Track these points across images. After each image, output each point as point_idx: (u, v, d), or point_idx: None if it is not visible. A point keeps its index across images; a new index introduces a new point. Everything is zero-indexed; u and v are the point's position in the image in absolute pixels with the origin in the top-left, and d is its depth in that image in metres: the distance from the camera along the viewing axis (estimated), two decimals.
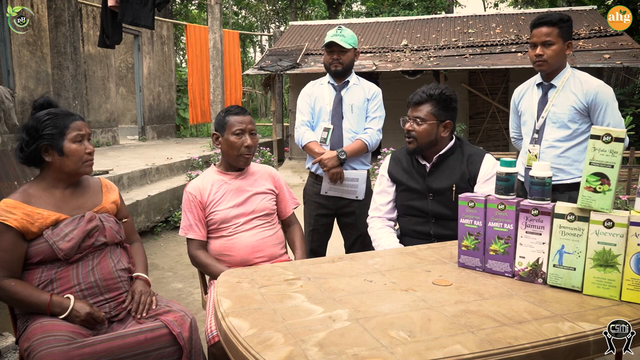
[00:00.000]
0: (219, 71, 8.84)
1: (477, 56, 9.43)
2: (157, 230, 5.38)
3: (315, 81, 2.94)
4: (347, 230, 2.88)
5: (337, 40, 2.71)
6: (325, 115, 2.80)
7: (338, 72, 2.78)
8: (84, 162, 1.82)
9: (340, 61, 2.75)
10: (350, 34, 2.77)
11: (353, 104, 2.79)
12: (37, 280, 1.74)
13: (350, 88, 2.83)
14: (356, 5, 23.47)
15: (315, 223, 2.79)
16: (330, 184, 2.75)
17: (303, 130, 2.83)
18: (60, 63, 5.20)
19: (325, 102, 2.81)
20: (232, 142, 2.16)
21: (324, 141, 2.77)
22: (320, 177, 2.80)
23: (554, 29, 2.45)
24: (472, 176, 2.11)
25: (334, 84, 2.84)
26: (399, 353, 1.04)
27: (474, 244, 1.57)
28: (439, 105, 2.09)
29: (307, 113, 2.86)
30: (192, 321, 1.78)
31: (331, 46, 2.74)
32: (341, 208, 2.82)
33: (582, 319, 1.22)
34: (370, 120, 2.82)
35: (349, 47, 2.73)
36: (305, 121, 2.85)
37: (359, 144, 2.75)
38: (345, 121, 2.78)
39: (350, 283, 1.46)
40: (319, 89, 2.87)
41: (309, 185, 2.88)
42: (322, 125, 2.80)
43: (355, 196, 2.77)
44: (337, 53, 2.74)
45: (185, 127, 13.69)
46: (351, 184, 2.76)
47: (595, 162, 1.35)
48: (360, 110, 2.80)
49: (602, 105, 2.43)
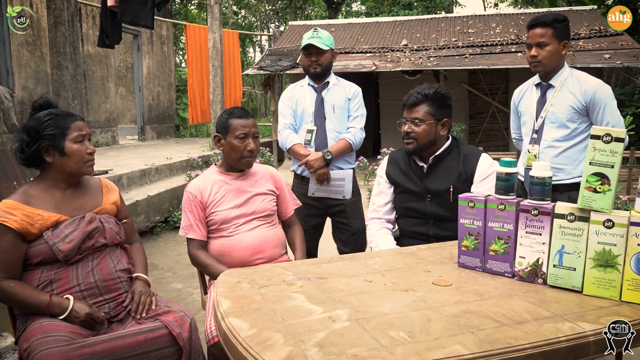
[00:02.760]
0: (218, 71, 8.84)
1: (477, 56, 9.42)
2: (157, 231, 5.38)
3: (295, 84, 2.96)
4: (340, 230, 2.89)
5: (314, 42, 2.72)
6: (307, 117, 2.82)
7: (317, 74, 2.80)
8: (86, 163, 1.82)
9: (319, 62, 2.76)
10: (326, 35, 2.79)
11: (334, 104, 2.81)
12: (37, 280, 1.73)
13: (331, 89, 2.84)
14: (356, 5, 23.45)
15: (305, 224, 2.75)
16: (318, 185, 2.76)
17: (287, 133, 2.85)
18: (59, 63, 5.20)
19: (307, 104, 2.82)
20: (234, 146, 2.15)
21: (309, 143, 2.78)
22: (306, 178, 2.81)
23: (547, 30, 2.46)
24: (469, 176, 2.11)
25: (314, 86, 2.85)
26: (398, 353, 1.04)
27: (473, 244, 1.57)
28: (435, 105, 2.10)
29: (289, 116, 2.87)
30: (192, 321, 1.78)
31: (308, 48, 2.76)
32: (331, 208, 2.83)
33: (582, 319, 1.22)
34: (353, 119, 2.84)
35: (326, 48, 2.75)
36: (288, 124, 2.86)
37: (344, 144, 2.76)
38: (328, 122, 2.80)
39: (350, 283, 1.46)
40: (300, 91, 2.89)
41: (295, 187, 2.88)
42: (305, 127, 2.81)
43: (342, 196, 2.79)
44: (315, 55, 2.76)
45: (184, 127, 13.68)
46: (338, 184, 2.77)
47: (595, 162, 1.35)
48: (342, 110, 2.82)
49: (600, 104, 2.43)
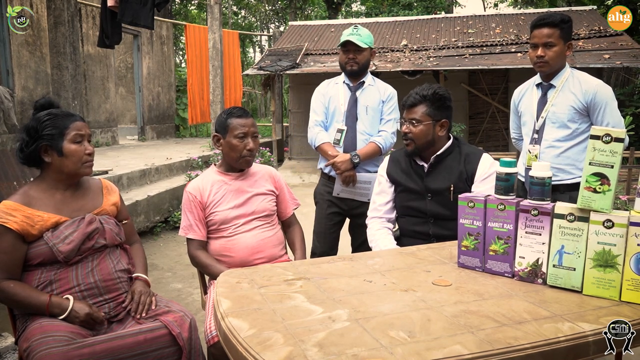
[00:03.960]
0: (218, 71, 8.84)
1: (477, 56, 9.42)
2: (157, 231, 5.38)
3: (330, 80, 2.89)
4: (356, 231, 2.86)
5: (353, 39, 2.67)
6: (339, 116, 2.76)
7: (354, 72, 2.74)
8: (84, 163, 1.81)
9: (356, 60, 2.71)
10: (366, 33, 2.74)
11: (368, 105, 2.75)
12: (37, 281, 1.73)
13: (366, 89, 2.79)
14: (356, 5, 23.44)
15: (327, 222, 2.74)
16: (343, 186, 2.73)
17: (317, 130, 2.80)
18: (59, 63, 5.20)
19: (340, 103, 2.77)
20: (234, 145, 2.15)
21: (337, 142, 2.73)
22: (332, 178, 2.77)
23: (555, 30, 2.44)
24: (470, 175, 2.11)
25: (349, 84, 2.80)
26: (398, 353, 1.04)
27: (473, 244, 1.57)
28: (433, 105, 2.10)
29: (321, 113, 2.82)
30: (192, 321, 1.78)
31: (347, 45, 2.70)
32: (353, 209, 2.80)
33: (581, 319, 1.22)
34: (385, 122, 2.78)
35: (365, 46, 2.70)
36: (319, 121, 2.81)
37: (373, 147, 2.71)
38: (360, 123, 2.75)
39: (350, 283, 1.46)
40: (334, 88, 2.83)
41: (321, 185, 2.85)
42: (336, 126, 2.76)
43: (367, 199, 2.73)
44: (352, 52, 2.70)
45: (184, 127, 13.68)
46: (363, 187, 2.73)
47: (595, 162, 1.35)
48: (374, 112, 2.76)
49: (601, 105, 2.43)
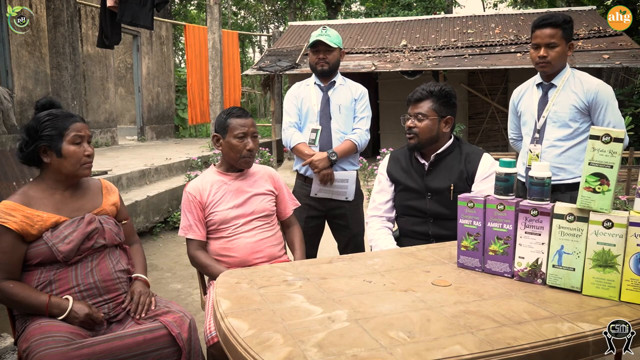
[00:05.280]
0: (218, 71, 8.84)
1: (477, 56, 9.43)
2: (156, 231, 5.37)
3: (301, 82, 2.93)
4: (339, 232, 2.87)
5: (323, 39, 2.71)
6: (312, 117, 2.79)
7: (324, 72, 2.78)
8: (82, 165, 1.81)
9: (327, 60, 2.75)
10: (335, 34, 2.77)
11: (341, 104, 2.79)
12: (36, 281, 1.73)
13: (337, 88, 2.82)
14: (355, 6, 23.43)
15: (305, 225, 2.73)
16: (321, 186, 2.74)
17: (291, 132, 2.82)
18: (59, 63, 5.19)
19: (313, 103, 2.80)
20: (233, 145, 2.15)
21: (313, 142, 2.75)
22: (309, 179, 2.78)
23: (558, 31, 2.44)
24: (470, 175, 2.11)
25: (320, 85, 2.83)
26: (398, 354, 1.04)
27: (473, 244, 1.57)
28: (439, 102, 2.11)
29: (294, 114, 2.84)
30: (191, 322, 1.78)
31: (317, 45, 2.74)
32: (331, 210, 2.80)
33: (581, 320, 1.22)
34: (359, 120, 2.82)
35: (334, 46, 2.74)
36: (293, 122, 2.84)
37: (349, 145, 2.74)
38: (334, 122, 2.78)
39: (350, 283, 1.46)
40: (306, 90, 2.86)
41: (297, 188, 2.86)
42: (310, 126, 2.79)
43: (345, 197, 2.76)
44: (322, 52, 2.74)
45: (184, 128, 13.68)
46: (341, 185, 2.75)
47: (594, 163, 1.35)
48: (348, 110, 2.80)
49: (602, 104, 2.43)
